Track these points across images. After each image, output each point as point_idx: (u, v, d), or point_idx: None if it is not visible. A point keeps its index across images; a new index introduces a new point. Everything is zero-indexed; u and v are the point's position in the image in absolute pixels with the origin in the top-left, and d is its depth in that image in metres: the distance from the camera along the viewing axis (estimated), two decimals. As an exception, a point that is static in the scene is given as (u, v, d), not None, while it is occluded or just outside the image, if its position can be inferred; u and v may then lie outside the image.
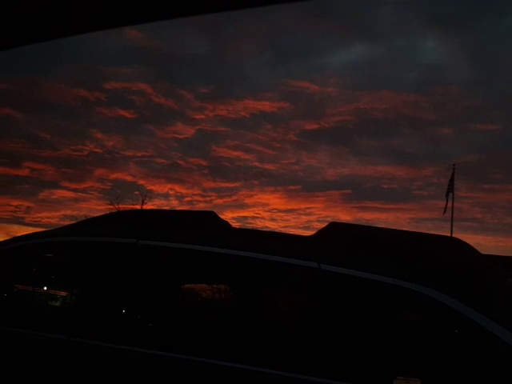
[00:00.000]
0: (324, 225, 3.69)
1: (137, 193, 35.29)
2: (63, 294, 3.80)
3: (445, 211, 29.39)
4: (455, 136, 35.14)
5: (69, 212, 35.73)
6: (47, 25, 1.00)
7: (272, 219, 35.86)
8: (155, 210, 12.82)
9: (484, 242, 32.44)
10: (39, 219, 34.94)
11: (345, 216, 34.68)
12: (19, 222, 33.87)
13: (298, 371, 2.88)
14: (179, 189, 37.20)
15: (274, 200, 38.22)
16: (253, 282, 3.46)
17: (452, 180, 29.17)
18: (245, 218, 35.31)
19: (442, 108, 36.74)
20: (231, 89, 39.81)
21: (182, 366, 3.03)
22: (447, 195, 29.25)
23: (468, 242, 3.45)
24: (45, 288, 3.82)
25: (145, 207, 32.07)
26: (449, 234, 24.20)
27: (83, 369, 3.14)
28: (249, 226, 29.21)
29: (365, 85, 37.01)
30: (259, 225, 34.48)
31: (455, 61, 34.94)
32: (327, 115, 37.02)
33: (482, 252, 3.55)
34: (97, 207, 34.98)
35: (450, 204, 29.19)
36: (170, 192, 36.49)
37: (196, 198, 36.04)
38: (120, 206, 31.79)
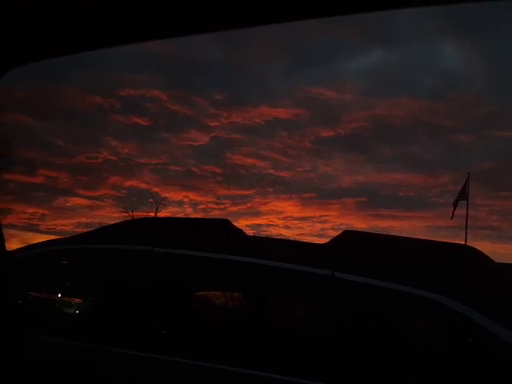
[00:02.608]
0: (339, 233, 3.68)
1: (151, 200, 35.46)
2: (78, 300, 3.82)
3: (451, 217, 29.22)
4: (473, 143, 34.95)
5: (83, 219, 35.99)
6: (78, 38, 1.01)
7: (286, 227, 35.84)
8: (170, 217, 12.87)
9: (501, 250, 32.10)
10: (54, 227, 35.22)
11: (360, 224, 34.56)
12: (34, 229, 34.14)
13: (311, 378, 2.88)
14: (193, 196, 37.38)
15: (289, 208, 38.24)
16: (267, 289, 3.46)
17: (465, 187, 28.94)
18: (259, 225, 35.33)
19: (460, 115, 36.50)
20: (246, 96, 39.90)
21: (198, 372, 3.04)
22: (456, 202, 29.05)
23: (484, 250, 3.44)
24: (59, 295, 3.84)
25: (159, 215, 32.21)
26: (463, 243, 24.04)
27: (97, 374, 3.16)
28: (263, 234, 29.22)
29: (381, 91, 36.96)
30: (273, 232, 34.48)
31: (473, 67, 34.71)
32: (343, 122, 37.00)
33: (499, 260, 3.53)
34: (111, 215, 35.20)
35: (461, 212, 28.99)
36: (185, 199, 36.63)
37: (210, 205, 36.15)
38: (134, 213, 31.98)
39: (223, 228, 3.88)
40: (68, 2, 0.92)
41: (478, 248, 3.51)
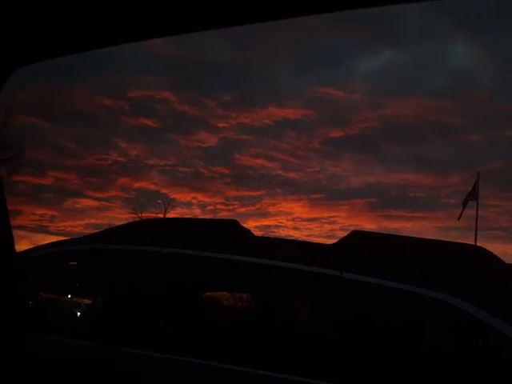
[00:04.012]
0: (347, 233, 3.67)
1: (160, 201, 35.49)
2: (87, 301, 3.84)
3: (459, 218, 29.07)
4: (483, 142, 34.65)
5: (92, 221, 36.04)
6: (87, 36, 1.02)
7: (295, 228, 35.71)
8: (178, 218, 12.89)
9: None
10: (63, 228, 35.30)
11: (369, 225, 34.33)
12: (43, 230, 34.21)
13: (319, 378, 2.88)
14: (202, 197, 37.31)
15: (298, 209, 38.08)
16: (275, 290, 3.47)
17: (474, 188, 28.77)
18: (268, 226, 35.22)
19: (470, 114, 36.12)
20: (255, 96, 39.66)
21: (207, 372, 3.05)
22: (465, 202, 28.87)
23: (495, 251, 3.41)
24: (69, 296, 3.86)
25: (168, 216, 32.25)
26: (474, 243, 23.91)
27: (107, 374, 3.17)
28: (272, 235, 29.16)
29: (391, 91, 36.65)
30: (282, 234, 34.33)
31: (484, 66, 34.43)
32: (352, 122, 36.79)
33: (509, 261, 3.51)
34: (120, 216, 35.24)
35: (471, 212, 28.82)
36: (193, 201, 36.60)
37: (219, 206, 36.08)
38: (143, 214, 32.02)
39: (231, 228, 3.88)
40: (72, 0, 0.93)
41: (488, 249, 3.49)
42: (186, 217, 31.31)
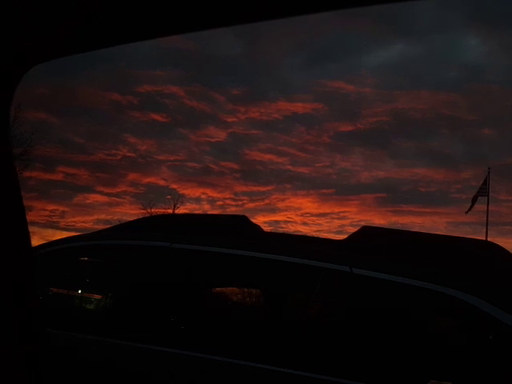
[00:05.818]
0: (357, 229, 3.67)
1: (169, 197, 35.61)
2: (98, 296, 3.86)
3: (467, 212, 28.98)
4: (496, 137, 34.38)
5: (103, 216, 36.21)
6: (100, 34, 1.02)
7: (304, 223, 35.69)
8: (188, 214, 12.95)
9: (524, 247, 31.55)
10: (73, 223, 35.52)
11: (379, 220, 34.23)
12: (54, 226, 34.44)
13: (329, 374, 2.87)
14: (211, 193, 37.37)
15: (307, 204, 38.07)
16: (284, 285, 3.47)
17: (485, 183, 28.62)
18: (277, 222, 35.25)
19: (483, 108, 35.82)
20: (264, 90, 39.58)
21: (216, 367, 3.05)
22: (475, 198, 28.73)
23: (508, 246, 3.40)
24: (80, 291, 3.88)
25: (177, 211, 32.32)
26: (485, 238, 23.81)
27: (118, 369, 3.19)
28: (281, 231, 29.17)
29: (402, 84, 36.42)
30: (291, 229, 34.35)
31: (496, 59, 34.13)
32: (363, 116, 36.63)
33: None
34: (130, 211, 35.42)
35: (483, 207, 28.71)
36: (202, 196, 36.70)
37: (228, 202, 36.15)
38: (152, 210, 32.12)
39: (241, 224, 3.89)
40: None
41: (500, 244, 3.48)
42: (196, 212, 31.40)
